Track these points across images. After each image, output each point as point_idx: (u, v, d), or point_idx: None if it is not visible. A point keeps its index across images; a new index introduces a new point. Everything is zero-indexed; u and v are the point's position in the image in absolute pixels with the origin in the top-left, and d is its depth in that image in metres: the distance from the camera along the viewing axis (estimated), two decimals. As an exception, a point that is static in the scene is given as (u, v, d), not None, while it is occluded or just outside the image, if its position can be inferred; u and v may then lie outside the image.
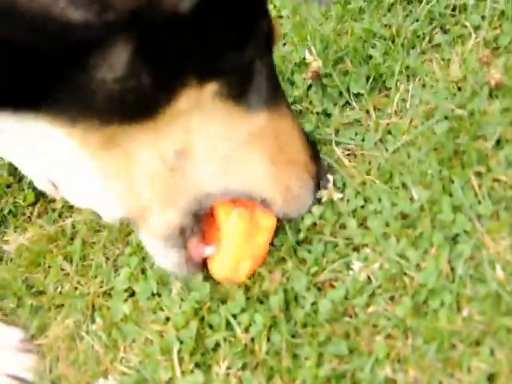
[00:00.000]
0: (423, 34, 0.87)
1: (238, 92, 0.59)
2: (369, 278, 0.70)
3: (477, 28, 0.84)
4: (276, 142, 0.66)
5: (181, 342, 0.71)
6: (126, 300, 0.77)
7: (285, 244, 0.74)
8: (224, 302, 0.73)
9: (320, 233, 0.75)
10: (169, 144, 0.59)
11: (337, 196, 0.76)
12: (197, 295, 0.73)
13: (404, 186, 0.74)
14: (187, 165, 0.61)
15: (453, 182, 0.72)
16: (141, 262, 0.79)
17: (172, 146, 0.59)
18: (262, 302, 0.72)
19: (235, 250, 0.70)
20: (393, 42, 0.86)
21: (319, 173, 0.74)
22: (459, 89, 0.80)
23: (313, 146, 0.75)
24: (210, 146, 0.61)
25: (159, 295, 0.76)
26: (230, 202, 0.69)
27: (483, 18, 0.85)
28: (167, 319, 0.74)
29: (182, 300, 0.74)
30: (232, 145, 0.62)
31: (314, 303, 0.70)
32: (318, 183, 0.74)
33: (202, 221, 0.67)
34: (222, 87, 0.57)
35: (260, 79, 0.61)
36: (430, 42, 0.86)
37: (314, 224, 0.75)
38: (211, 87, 0.57)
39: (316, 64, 0.86)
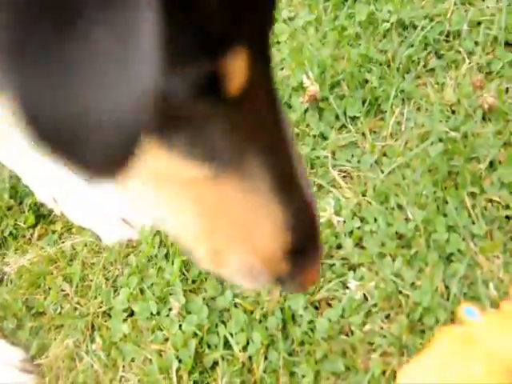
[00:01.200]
0: (418, 59, 0.91)
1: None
2: (365, 296, 0.72)
3: (470, 53, 0.89)
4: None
5: (179, 361, 0.74)
6: (125, 320, 0.80)
7: (282, 264, 0.77)
8: (223, 322, 0.76)
9: (317, 253, 0.78)
10: None
11: (336, 219, 0.80)
12: (195, 318, 0.76)
13: (399, 206, 0.78)
14: None
15: (447, 202, 0.75)
16: (140, 282, 0.82)
17: None
18: (260, 322, 0.75)
19: None
20: (388, 66, 0.91)
21: (294, 275, 0.47)
22: (453, 112, 0.84)
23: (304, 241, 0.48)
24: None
25: (158, 314, 0.79)
26: None
27: (476, 43, 0.89)
28: (166, 339, 0.76)
29: (180, 320, 0.77)
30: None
31: (310, 322, 0.73)
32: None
33: None
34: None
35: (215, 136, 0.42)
36: (424, 66, 0.90)
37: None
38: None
39: (313, 88, 0.90)
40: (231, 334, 0.74)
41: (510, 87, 0.83)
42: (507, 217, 0.73)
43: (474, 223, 0.73)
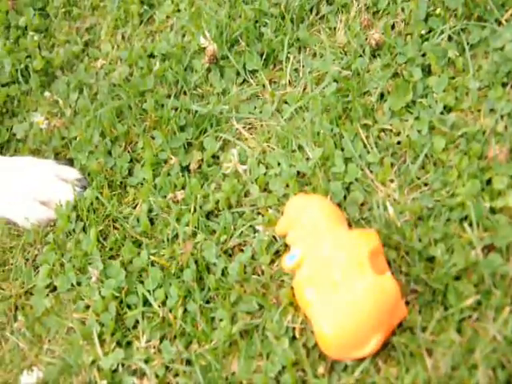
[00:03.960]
0: (310, 7, 0.94)
1: None
2: (274, 237, 0.75)
3: (358, -4, 0.92)
4: None
5: (102, 326, 0.76)
6: (47, 295, 0.81)
7: (192, 218, 0.79)
8: (141, 282, 0.78)
9: (228, 204, 0.80)
10: None
11: (242, 168, 0.82)
12: (113, 281, 0.77)
13: (300, 147, 0.81)
14: None
15: (343, 137, 0.79)
16: (59, 257, 0.83)
17: None
18: (177, 276, 0.77)
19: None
20: (283, 18, 0.93)
21: None
22: (345, 53, 0.88)
23: None
24: None
25: (79, 285, 0.80)
26: None
27: (363, -15, 0.92)
28: (87, 307, 0.78)
29: (100, 286, 0.78)
30: None
31: (224, 268, 0.75)
32: None
33: None
34: None
35: None
36: (317, 14, 0.94)
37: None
38: None
39: (211, 48, 0.93)
40: (149, 292, 0.76)
41: (395, 22, 0.87)
42: (399, 142, 0.77)
43: (368, 152, 0.77)
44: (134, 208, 0.85)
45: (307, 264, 0.66)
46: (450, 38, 0.83)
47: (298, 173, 0.79)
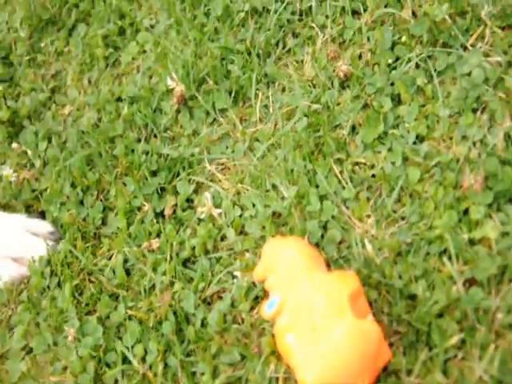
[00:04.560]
0: (276, 41, 0.94)
1: None
2: (253, 283, 0.74)
3: (323, 27, 0.92)
4: None
5: (80, 387, 0.74)
6: (23, 359, 0.79)
7: (169, 266, 0.78)
8: (119, 338, 0.76)
9: (204, 249, 0.79)
10: None
11: (216, 212, 0.81)
12: (90, 339, 0.76)
13: (274, 186, 0.80)
14: None
15: (317, 173, 0.78)
16: (34, 316, 0.81)
17: None
18: (156, 329, 0.75)
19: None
20: (249, 54, 0.93)
21: None
22: (314, 86, 0.87)
23: None
24: None
25: (55, 345, 0.78)
26: None
27: (327, 17, 0.93)
28: (65, 368, 0.76)
29: (77, 345, 0.76)
30: None
31: (204, 319, 0.74)
32: None
33: None
34: None
35: None
36: (283, 48, 0.94)
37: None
38: None
39: (179, 88, 0.92)
40: (128, 348, 0.74)
41: (362, 52, 0.87)
42: (373, 175, 0.76)
43: (344, 188, 0.76)
44: (109, 259, 0.84)
45: (287, 310, 0.65)
46: (417, 66, 0.83)
47: (274, 213, 0.78)
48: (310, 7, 0.94)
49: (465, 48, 0.81)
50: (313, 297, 0.64)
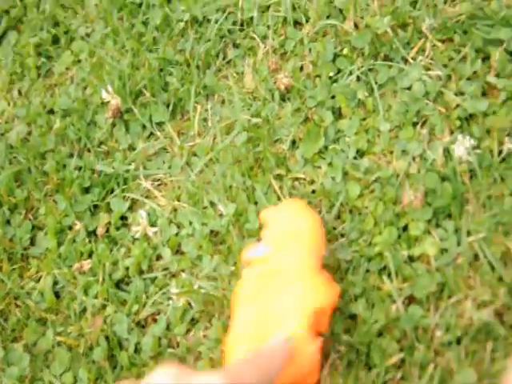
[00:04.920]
0: (216, 52, 0.92)
1: None
2: (189, 304, 0.71)
3: (264, 38, 0.91)
4: None
5: (3, 422, 0.69)
6: None
7: (101, 289, 0.74)
8: (47, 366, 0.72)
9: (138, 270, 0.76)
10: None
11: (152, 230, 0.78)
12: (15, 369, 0.71)
13: (212, 204, 0.78)
14: None
15: (256, 189, 0.76)
16: (-45, 345, 0.76)
17: None
18: (86, 356, 0.71)
19: None
20: (188, 65, 0.91)
21: None
22: (254, 99, 0.86)
23: None
24: None
25: (-23, 376, 0.74)
26: None
27: (268, 27, 0.91)
28: (-13, 401, 0.72)
29: (2, 376, 0.72)
30: None
31: (137, 343, 0.71)
32: None
33: None
34: None
35: None
36: (224, 59, 0.92)
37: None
38: None
39: (115, 101, 0.89)
40: (56, 377, 0.70)
41: (303, 64, 0.86)
42: (313, 191, 0.75)
43: (283, 204, 0.75)
44: (38, 282, 0.80)
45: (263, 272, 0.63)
46: (358, 79, 0.82)
47: (212, 231, 0.76)
48: (252, 17, 0.93)
49: (406, 61, 0.81)
50: (288, 292, 0.60)
